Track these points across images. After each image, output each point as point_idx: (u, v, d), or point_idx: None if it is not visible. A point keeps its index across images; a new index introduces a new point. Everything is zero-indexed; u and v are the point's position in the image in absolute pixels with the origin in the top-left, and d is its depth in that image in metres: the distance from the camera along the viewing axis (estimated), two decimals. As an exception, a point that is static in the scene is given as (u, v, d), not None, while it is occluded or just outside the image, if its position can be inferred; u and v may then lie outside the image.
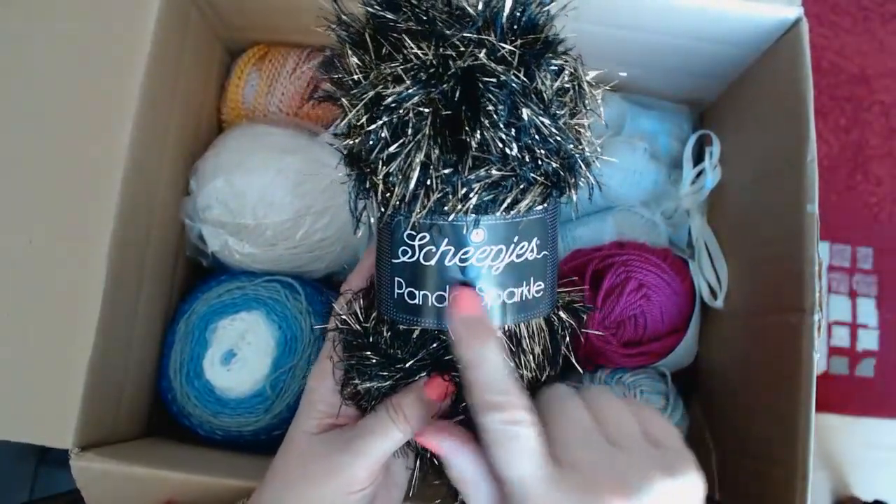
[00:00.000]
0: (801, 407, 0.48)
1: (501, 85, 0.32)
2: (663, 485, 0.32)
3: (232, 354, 0.57)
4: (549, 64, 0.34)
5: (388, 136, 0.33)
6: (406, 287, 0.37)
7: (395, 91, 0.32)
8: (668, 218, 0.67)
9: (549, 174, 0.35)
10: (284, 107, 0.64)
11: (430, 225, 0.35)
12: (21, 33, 0.53)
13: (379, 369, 0.38)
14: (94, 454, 0.48)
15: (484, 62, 0.32)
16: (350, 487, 0.38)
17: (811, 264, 0.50)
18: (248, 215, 0.57)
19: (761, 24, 0.56)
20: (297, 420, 0.41)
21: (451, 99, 0.33)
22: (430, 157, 0.33)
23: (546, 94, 0.34)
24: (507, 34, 0.33)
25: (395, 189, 0.34)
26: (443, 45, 0.32)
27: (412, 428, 0.37)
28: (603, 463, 0.33)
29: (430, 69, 0.32)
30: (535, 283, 0.37)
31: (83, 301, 0.49)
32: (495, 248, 0.35)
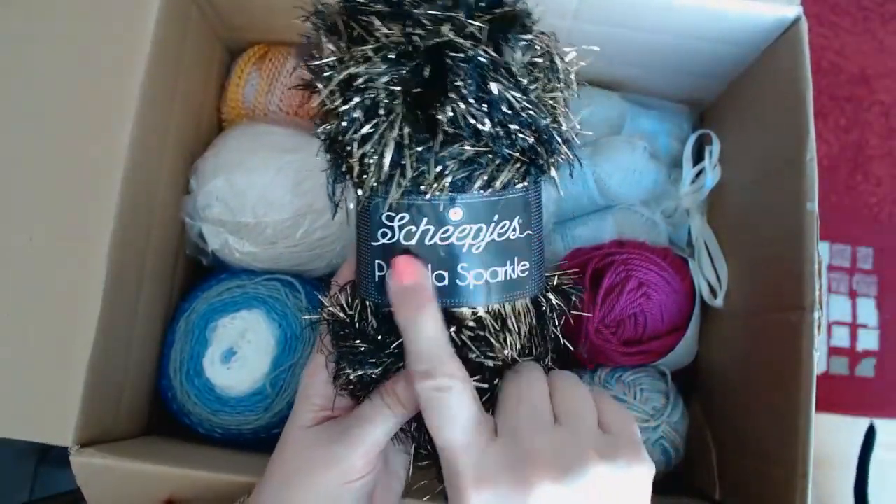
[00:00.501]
0: (802, 406, 0.48)
1: (469, 59, 0.32)
2: (599, 469, 0.32)
3: (232, 353, 0.57)
4: (517, 39, 0.34)
5: (361, 116, 0.34)
6: (387, 269, 0.37)
7: (366, 70, 0.33)
8: (668, 217, 0.67)
9: (524, 150, 0.35)
10: (284, 106, 0.64)
11: (408, 205, 0.35)
12: (21, 33, 0.53)
13: (368, 356, 0.38)
14: (94, 450, 0.48)
15: (450, 38, 0.32)
16: (348, 476, 0.38)
17: (811, 263, 0.50)
18: (248, 214, 0.57)
19: (761, 23, 0.56)
20: (292, 415, 0.42)
21: (421, 76, 0.33)
22: (402, 136, 0.33)
23: (515, 68, 0.34)
24: (474, 11, 0.34)
25: (370, 170, 0.34)
26: (410, 24, 0.33)
27: (407, 412, 0.38)
28: (541, 439, 0.33)
29: (399, 47, 0.33)
30: (520, 263, 0.38)
31: (83, 299, 0.49)
32: (475, 226, 0.36)
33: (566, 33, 0.59)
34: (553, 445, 0.32)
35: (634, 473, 0.33)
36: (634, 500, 0.33)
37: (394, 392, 0.38)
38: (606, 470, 0.32)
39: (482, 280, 0.37)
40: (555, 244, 0.65)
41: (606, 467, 0.32)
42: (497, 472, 0.32)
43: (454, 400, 0.34)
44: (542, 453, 0.32)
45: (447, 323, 0.37)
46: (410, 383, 0.37)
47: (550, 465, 0.31)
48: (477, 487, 0.32)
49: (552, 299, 0.41)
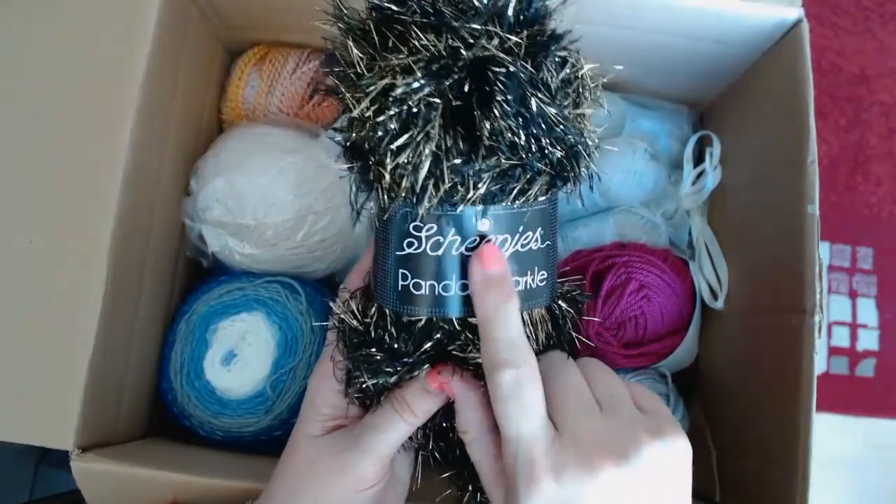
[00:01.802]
0: (802, 408, 0.49)
1: (510, 75, 0.32)
2: (652, 448, 0.34)
3: (232, 355, 0.57)
4: (554, 56, 0.35)
5: (396, 127, 0.33)
6: (411, 279, 0.37)
7: (406, 82, 0.33)
8: (669, 219, 0.67)
9: (553, 163, 0.36)
10: (285, 107, 0.64)
11: (437, 215, 0.35)
12: (21, 33, 0.53)
13: (384, 365, 0.38)
14: (94, 455, 0.48)
15: (493, 53, 0.33)
16: (361, 485, 0.38)
17: (812, 265, 0.50)
18: (248, 216, 0.57)
19: (762, 24, 0.56)
20: (300, 423, 0.41)
21: (462, 90, 0.33)
22: (440, 148, 0.33)
23: (552, 84, 0.34)
24: (512, 27, 0.34)
25: (402, 181, 0.34)
26: (451, 37, 0.33)
27: (418, 419, 0.38)
28: (596, 428, 0.34)
29: (441, 60, 0.33)
30: (539, 273, 0.38)
31: (83, 302, 0.49)
32: (500, 237, 0.36)
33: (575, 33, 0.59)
34: (609, 431, 0.34)
35: (680, 448, 0.35)
36: (682, 473, 0.35)
37: (404, 400, 0.38)
38: (657, 448, 0.34)
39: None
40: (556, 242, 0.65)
41: (657, 445, 0.34)
42: (566, 460, 0.33)
43: (533, 391, 0.35)
44: (600, 440, 0.34)
45: (466, 332, 0.37)
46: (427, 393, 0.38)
47: (610, 450, 0.33)
48: (551, 475, 0.33)
49: (563, 306, 0.41)
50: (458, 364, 0.38)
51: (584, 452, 0.33)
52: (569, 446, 0.34)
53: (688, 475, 0.36)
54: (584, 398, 0.36)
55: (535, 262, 0.38)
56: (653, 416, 0.36)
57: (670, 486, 0.34)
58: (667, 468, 0.34)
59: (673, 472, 0.35)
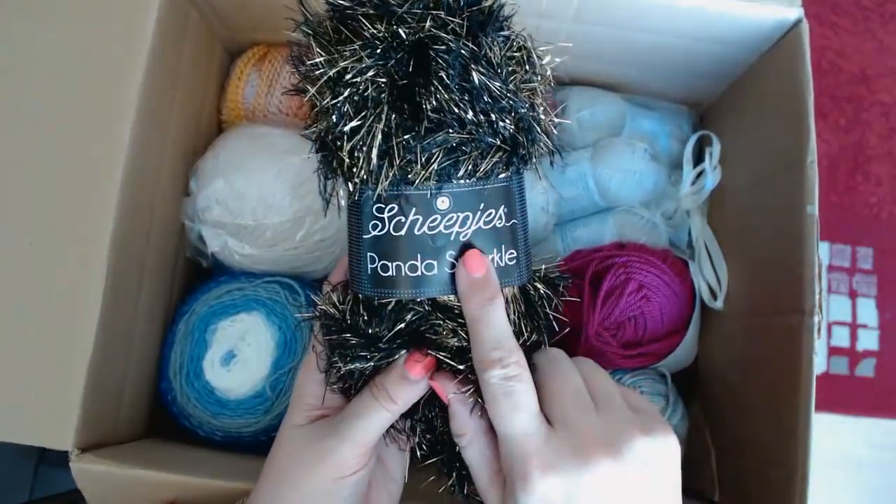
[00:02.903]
0: (801, 408, 0.49)
1: (450, 51, 0.34)
2: (643, 443, 0.35)
3: (232, 355, 0.57)
4: (496, 33, 0.36)
5: (350, 110, 0.35)
6: (379, 261, 0.38)
7: (354, 65, 0.35)
8: (669, 219, 0.67)
9: (506, 138, 0.37)
10: (284, 107, 0.64)
11: (396, 195, 0.37)
12: (21, 33, 0.53)
13: (359, 350, 0.39)
14: (94, 456, 0.48)
15: (433, 31, 0.34)
16: (341, 472, 0.38)
17: (811, 266, 0.50)
18: (247, 216, 0.57)
19: (762, 24, 0.56)
20: (287, 415, 0.42)
21: (406, 69, 0.35)
22: (390, 126, 0.35)
23: (495, 59, 0.36)
24: (454, 10, 0.35)
25: (359, 163, 0.36)
26: (395, 22, 0.35)
27: (398, 407, 0.38)
28: (591, 423, 0.35)
29: (384, 43, 0.35)
30: (507, 252, 0.39)
31: (83, 302, 0.49)
32: (461, 214, 0.37)
33: (566, 35, 0.59)
34: (602, 426, 0.35)
35: (669, 444, 0.36)
36: (671, 469, 0.36)
37: (383, 387, 0.38)
38: (648, 443, 0.35)
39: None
40: (555, 245, 0.65)
41: (648, 441, 0.35)
42: (560, 455, 0.34)
43: (523, 388, 0.35)
44: (595, 435, 0.35)
45: (437, 313, 0.38)
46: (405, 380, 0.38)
47: (604, 444, 0.34)
48: (544, 471, 0.34)
49: (540, 288, 0.42)
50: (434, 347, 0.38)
51: (580, 446, 0.34)
52: (566, 441, 0.35)
53: (677, 472, 0.37)
54: (581, 395, 0.37)
55: (502, 239, 0.38)
56: (643, 414, 0.37)
57: (660, 480, 0.36)
58: (657, 463, 0.35)
59: (663, 467, 0.36)
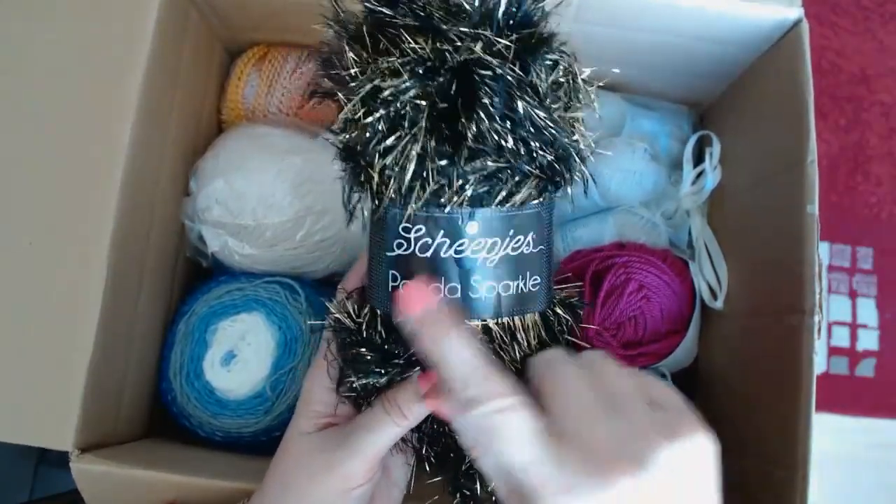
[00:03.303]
0: (802, 408, 0.48)
1: (497, 78, 0.33)
2: (669, 451, 0.31)
3: (232, 356, 0.57)
4: (543, 58, 0.35)
5: (384, 128, 0.34)
6: (401, 280, 0.37)
7: (393, 84, 0.33)
8: (669, 219, 0.67)
9: (543, 167, 0.36)
10: (284, 107, 0.64)
11: (425, 217, 0.35)
12: (21, 33, 0.53)
13: (374, 365, 0.38)
14: (94, 456, 0.48)
15: (480, 55, 0.33)
16: (348, 483, 0.38)
17: (811, 266, 0.50)
18: (247, 216, 0.57)
19: (762, 24, 0.56)
20: (293, 421, 0.42)
21: (448, 92, 0.33)
22: (426, 149, 0.33)
23: (541, 87, 0.34)
24: (502, 29, 0.34)
25: (390, 181, 0.34)
26: (439, 40, 0.33)
27: (408, 423, 0.38)
28: (604, 434, 0.31)
29: (427, 63, 0.33)
30: (532, 278, 0.38)
31: (83, 302, 0.49)
32: (490, 240, 0.36)
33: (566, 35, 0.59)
34: (618, 435, 0.31)
35: (699, 445, 0.32)
36: (704, 473, 0.32)
37: (395, 401, 0.37)
38: (674, 450, 0.31)
39: (494, 293, 0.37)
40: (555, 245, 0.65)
41: (674, 447, 0.31)
42: (573, 479, 0.30)
43: (510, 420, 0.31)
44: (610, 448, 0.31)
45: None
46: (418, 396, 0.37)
47: (623, 457, 0.30)
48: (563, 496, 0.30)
49: (560, 313, 0.41)
50: None
51: (593, 464, 0.30)
52: (576, 460, 0.30)
53: (712, 474, 0.32)
54: (586, 401, 0.32)
55: (528, 266, 0.37)
56: (667, 412, 0.33)
57: (693, 488, 0.31)
58: (687, 470, 0.31)
59: (694, 473, 0.31)
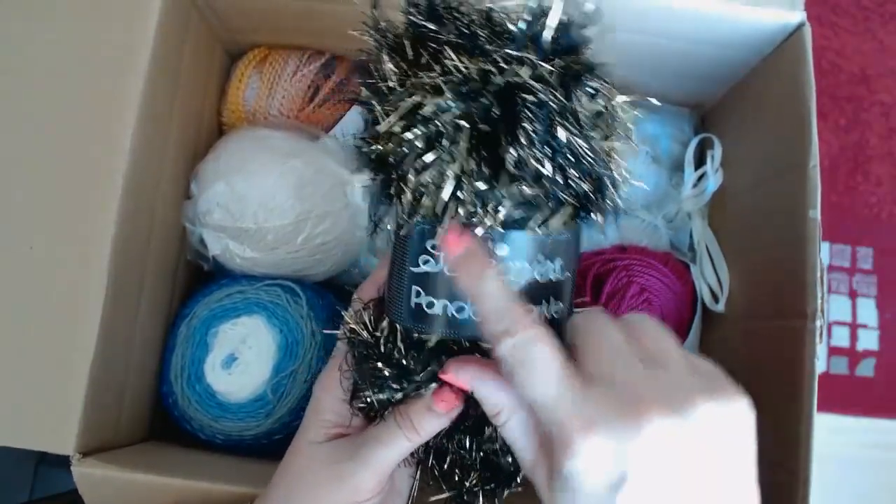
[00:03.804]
0: (803, 412, 0.48)
1: (540, 104, 0.32)
2: (708, 407, 0.29)
3: (233, 359, 0.57)
4: (586, 86, 0.34)
5: (422, 145, 0.33)
6: (424, 296, 0.36)
7: (435, 102, 0.32)
8: (670, 221, 0.67)
9: (579, 195, 0.35)
10: (285, 110, 0.64)
11: None
12: (21, 33, 0.53)
13: (391, 381, 0.38)
14: (95, 460, 0.48)
15: (525, 80, 0.32)
16: (357, 496, 0.38)
17: (813, 270, 0.50)
18: (248, 219, 0.57)
19: (764, 28, 0.56)
20: (303, 429, 0.41)
21: (489, 114, 0.33)
22: (464, 171, 0.33)
23: (582, 115, 0.34)
24: (546, 54, 0.33)
25: (422, 199, 0.34)
26: (483, 60, 0.33)
27: (420, 438, 0.37)
28: (641, 379, 0.31)
29: (471, 83, 0.32)
30: (555, 304, 0.37)
31: (84, 305, 0.49)
32: (518, 264, 0.35)
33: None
34: (656, 385, 0.30)
35: (740, 408, 0.31)
36: (744, 438, 0.31)
37: (408, 416, 0.37)
38: (714, 406, 0.30)
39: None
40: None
41: (714, 404, 0.30)
42: (602, 414, 0.29)
43: (539, 352, 0.32)
44: (645, 391, 0.30)
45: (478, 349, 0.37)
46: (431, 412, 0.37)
47: (657, 401, 0.29)
48: (584, 433, 0.29)
49: None
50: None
51: (626, 403, 0.29)
52: (605, 397, 0.30)
53: (751, 442, 0.31)
54: (621, 351, 0.32)
55: (553, 292, 0.37)
56: (708, 376, 0.32)
57: (731, 452, 0.30)
58: (726, 431, 0.30)
59: (734, 436, 0.30)
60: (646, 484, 0.29)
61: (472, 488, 0.39)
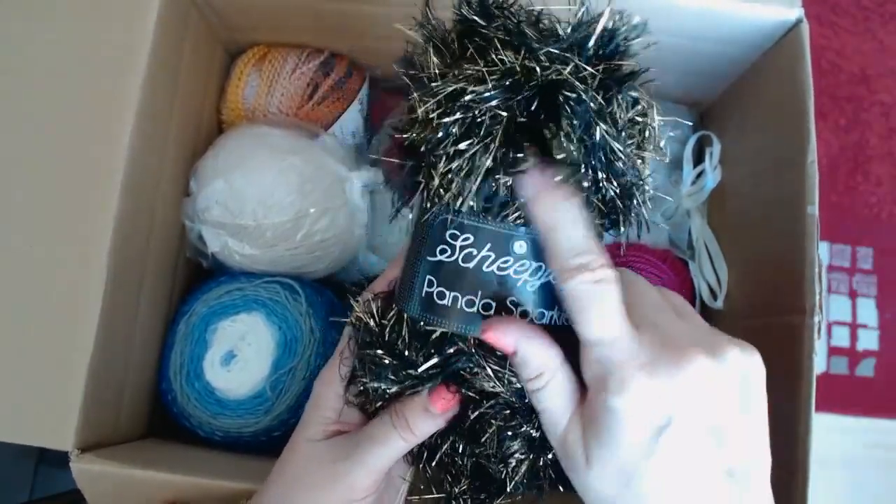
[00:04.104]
0: (802, 408, 0.48)
1: (580, 101, 0.32)
2: (737, 353, 0.32)
3: (232, 356, 0.57)
4: (627, 93, 0.34)
5: (458, 132, 0.33)
6: (437, 286, 0.36)
7: (476, 90, 0.32)
8: (669, 219, 0.67)
9: (605, 200, 0.35)
10: (284, 107, 0.64)
11: (476, 227, 0.35)
12: (21, 33, 0.53)
13: (389, 371, 0.37)
14: (94, 456, 0.48)
15: (567, 78, 0.32)
16: (353, 495, 0.38)
17: (811, 266, 0.50)
18: (247, 216, 0.57)
19: (762, 24, 0.56)
20: (301, 424, 0.41)
21: (529, 108, 0.33)
22: (496, 160, 0.33)
23: (620, 119, 0.34)
24: (591, 58, 0.33)
25: (450, 186, 0.34)
26: (528, 57, 0.33)
27: (416, 438, 0.37)
28: (679, 327, 0.33)
29: (514, 76, 0.33)
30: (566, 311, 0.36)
31: (84, 302, 0.49)
32: (535, 264, 0.35)
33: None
34: (692, 333, 0.33)
35: (760, 360, 0.34)
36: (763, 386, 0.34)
37: (403, 416, 0.37)
38: (742, 354, 0.33)
39: (527, 319, 0.36)
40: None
41: (741, 352, 0.33)
42: (655, 354, 0.32)
43: (614, 291, 0.32)
44: (686, 336, 0.32)
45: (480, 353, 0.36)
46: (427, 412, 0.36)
47: (696, 345, 0.32)
48: (640, 371, 0.31)
49: None
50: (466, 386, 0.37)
51: (671, 347, 0.32)
52: (655, 339, 0.32)
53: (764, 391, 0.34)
54: (661, 303, 0.35)
55: None
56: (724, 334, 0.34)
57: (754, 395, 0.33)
58: (752, 376, 0.33)
59: (756, 382, 0.33)
60: (687, 426, 0.31)
61: (461, 495, 0.39)
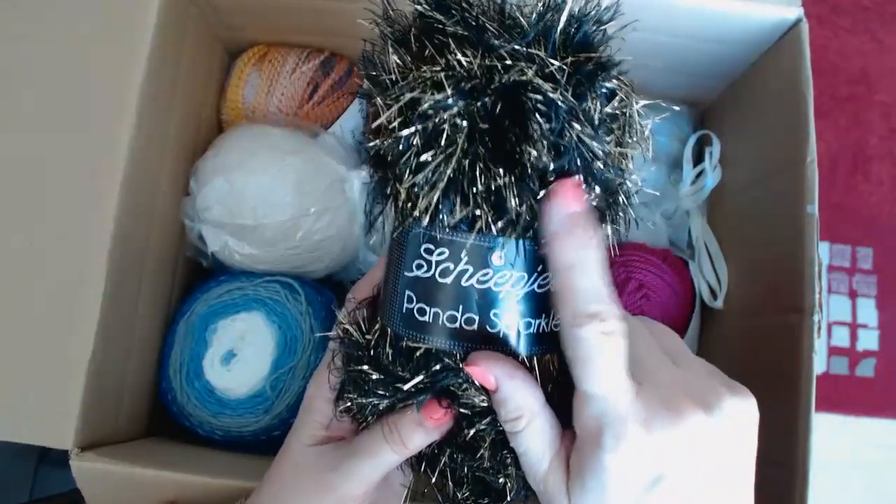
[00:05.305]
0: (801, 408, 0.48)
1: (548, 103, 0.30)
2: (732, 402, 0.32)
3: (232, 355, 0.57)
4: (600, 86, 0.32)
5: (419, 143, 0.31)
6: (417, 302, 0.35)
7: (434, 98, 0.30)
8: (668, 218, 0.67)
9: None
10: (284, 107, 0.64)
11: (450, 241, 0.33)
12: (21, 33, 0.53)
13: (377, 386, 0.36)
14: (94, 454, 0.48)
15: (531, 79, 0.30)
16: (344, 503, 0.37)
17: (811, 265, 0.50)
18: (247, 216, 0.57)
19: (762, 24, 0.56)
20: (295, 428, 0.41)
21: (492, 113, 0.30)
22: (461, 172, 0.31)
23: (595, 117, 0.31)
24: (558, 50, 0.31)
25: (418, 200, 0.32)
26: (489, 56, 0.30)
27: (408, 451, 0.36)
28: (676, 378, 0.32)
29: (474, 80, 0.30)
30: (555, 318, 0.35)
31: (83, 301, 0.49)
32: (517, 274, 0.33)
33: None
34: (687, 384, 0.32)
35: (753, 405, 0.33)
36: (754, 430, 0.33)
37: (396, 429, 0.36)
38: (735, 401, 0.32)
39: (513, 330, 0.34)
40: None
41: (735, 399, 0.32)
42: (651, 411, 0.31)
43: (622, 346, 0.31)
44: (682, 389, 0.32)
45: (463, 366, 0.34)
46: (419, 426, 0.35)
47: (694, 397, 0.31)
48: (643, 426, 0.31)
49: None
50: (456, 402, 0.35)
51: (669, 399, 0.31)
52: (653, 395, 0.31)
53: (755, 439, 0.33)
54: (657, 352, 0.34)
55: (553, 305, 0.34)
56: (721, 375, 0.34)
57: (746, 441, 0.33)
58: (744, 423, 0.33)
59: (748, 428, 0.33)
60: (678, 483, 0.31)
61: (463, 500, 0.38)
